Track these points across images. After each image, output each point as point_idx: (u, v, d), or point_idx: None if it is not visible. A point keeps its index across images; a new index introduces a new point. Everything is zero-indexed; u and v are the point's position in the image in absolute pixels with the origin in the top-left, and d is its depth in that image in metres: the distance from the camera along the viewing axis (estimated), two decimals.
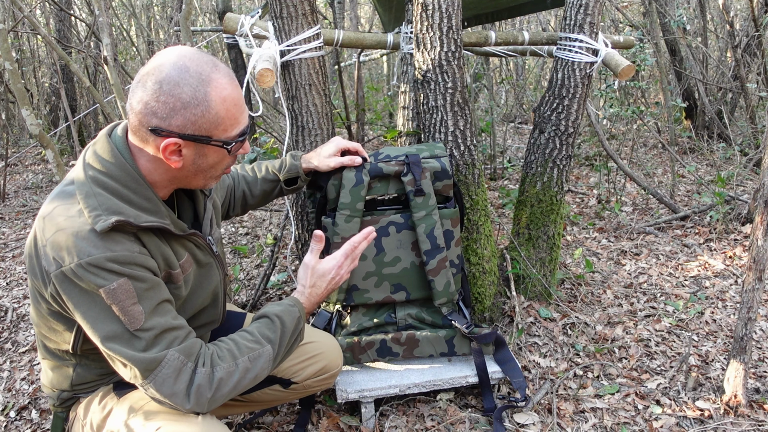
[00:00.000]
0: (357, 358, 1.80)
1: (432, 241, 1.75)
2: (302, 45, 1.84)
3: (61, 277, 1.04)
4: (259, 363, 1.19)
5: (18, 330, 2.49)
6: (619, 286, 2.66)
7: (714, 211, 3.31)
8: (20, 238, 3.87)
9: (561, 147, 2.21)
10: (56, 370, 1.25)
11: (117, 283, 1.04)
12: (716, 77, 5.99)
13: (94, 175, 1.09)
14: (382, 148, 1.77)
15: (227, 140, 1.11)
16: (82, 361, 1.22)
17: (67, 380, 1.24)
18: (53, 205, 1.10)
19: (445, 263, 1.77)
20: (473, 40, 2.36)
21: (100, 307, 1.05)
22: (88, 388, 1.26)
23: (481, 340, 1.78)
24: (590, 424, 1.72)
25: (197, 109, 1.05)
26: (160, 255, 1.15)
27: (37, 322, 1.20)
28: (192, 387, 1.10)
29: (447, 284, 1.78)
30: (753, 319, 1.71)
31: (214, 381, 1.12)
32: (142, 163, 1.12)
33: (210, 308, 1.33)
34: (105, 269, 1.04)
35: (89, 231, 1.04)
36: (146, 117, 1.05)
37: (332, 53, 4.84)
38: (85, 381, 1.25)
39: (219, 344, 1.18)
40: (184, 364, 1.10)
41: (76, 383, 1.24)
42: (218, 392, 1.13)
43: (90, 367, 1.23)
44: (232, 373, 1.15)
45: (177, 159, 1.10)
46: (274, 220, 3.82)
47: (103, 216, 1.05)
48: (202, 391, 1.11)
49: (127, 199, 1.09)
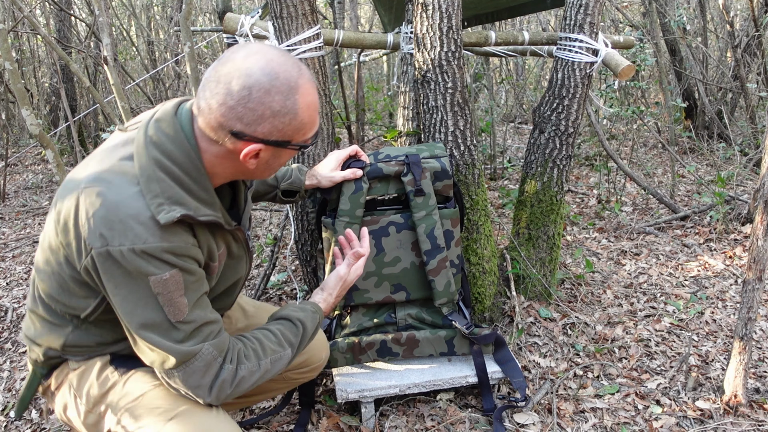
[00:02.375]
0: (357, 359, 1.80)
1: (432, 241, 1.75)
2: (302, 45, 1.84)
3: (105, 256, 1.01)
4: (278, 365, 1.21)
5: (18, 330, 2.49)
6: (619, 286, 2.66)
7: (714, 211, 3.31)
8: (20, 238, 3.87)
9: (561, 147, 2.21)
10: (50, 328, 1.19)
11: (169, 274, 1.03)
12: (716, 77, 5.99)
13: (158, 157, 1.04)
14: (382, 148, 1.77)
15: (304, 143, 1.11)
16: (83, 326, 1.18)
17: (60, 341, 1.18)
18: (106, 176, 1.05)
19: (445, 263, 1.77)
20: (473, 40, 2.36)
21: (144, 294, 1.03)
22: (80, 352, 1.21)
23: (482, 341, 1.78)
24: (590, 424, 1.72)
25: (285, 118, 1.04)
26: (206, 247, 1.13)
27: (46, 279, 1.14)
28: (216, 381, 1.11)
29: (447, 284, 1.78)
30: (753, 319, 1.71)
31: (236, 378, 1.13)
32: (206, 155, 1.09)
33: (225, 297, 1.32)
34: (159, 259, 1.01)
35: (150, 218, 1.01)
36: (230, 121, 1.02)
37: (332, 53, 4.84)
38: (79, 345, 1.19)
39: (245, 342, 1.19)
40: (215, 359, 1.11)
41: (69, 345, 1.18)
42: (237, 389, 1.14)
43: (90, 333, 1.18)
44: (253, 372, 1.16)
45: (254, 161, 1.09)
46: (274, 220, 3.82)
47: (165, 206, 1.02)
48: (224, 386, 1.12)
49: (188, 189, 1.06)
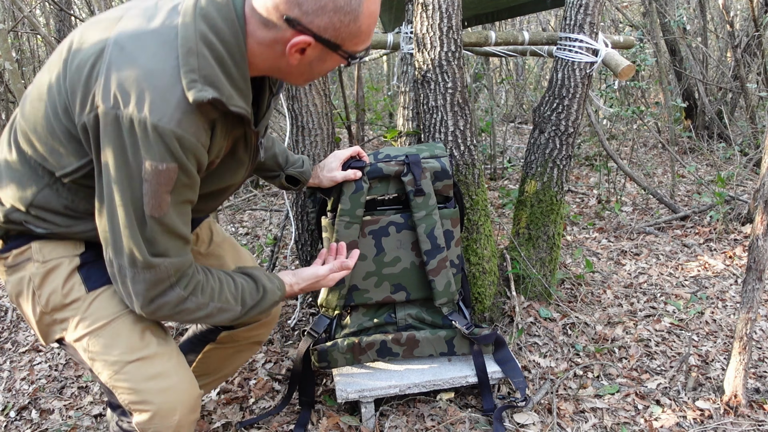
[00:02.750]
0: (357, 359, 1.80)
1: (432, 241, 1.75)
2: None
3: (111, 119, 0.93)
4: (223, 316, 1.16)
5: (18, 330, 2.49)
6: (619, 286, 2.66)
7: (714, 211, 3.31)
8: None
9: (561, 147, 2.21)
10: (20, 181, 1.08)
11: (167, 166, 0.95)
12: (716, 77, 5.99)
13: (204, 31, 0.95)
14: (382, 148, 1.77)
15: (353, 53, 1.04)
16: (56, 185, 1.08)
17: (28, 198, 1.08)
18: (145, 38, 0.96)
19: (445, 263, 1.77)
20: (473, 40, 2.36)
21: (131, 173, 0.95)
22: (44, 226, 1.11)
23: (482, 341, 1.78)
24: (590, 424, 1.72)
25: (346, 17, 0.96)
26: (217, 146, 1.06)
27: (33, 120, 1.04)
28: (159, 299, 1.06)
29: (447, 284, 1.78)
30: (753, 319, 1.71)
31: (180, 306, 1.08)
32: (250, 40, 1.00)
33: (210, 199, 1.23)
34: (165, 145, 0.94)
35: (177, 96, 0.93)
36: (288, 4, 0.94)
37: None
38: (47, 208, 1.09)
39: (208, 277, 1.13)
40: (168, 278, 1.04)
41: (37, 204, 1.08)
42: (175, 315, 1.10)
43: (61, 195, 1.08)
44: (199, 309, 1.11)
45: (298, 56, 1.01)
46: (274, 220, 3.82)
47: (199, 84, 0.94)
48: (164, 307, 1.07)
49: (228, 72, 0.98)
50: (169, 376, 1.14)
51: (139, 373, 1.11)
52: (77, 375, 2.11)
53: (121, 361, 1.11)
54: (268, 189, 4.69)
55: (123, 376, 1.11)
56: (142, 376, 1.12)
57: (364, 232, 1.75)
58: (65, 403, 1.94)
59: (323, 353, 1.77)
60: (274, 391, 1.94)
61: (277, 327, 2.35)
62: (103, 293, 1.14)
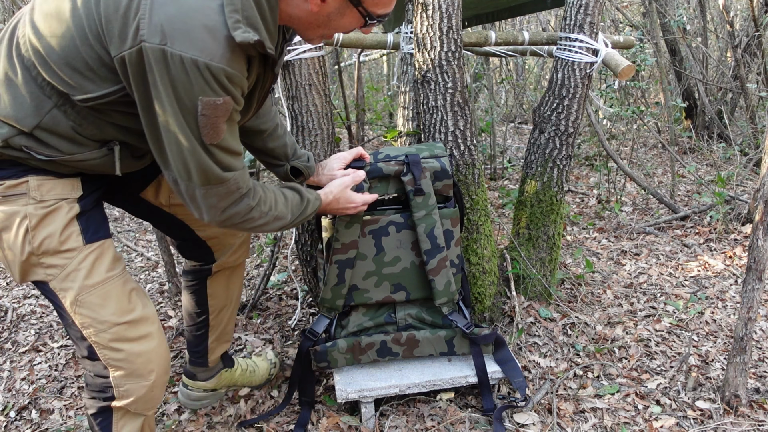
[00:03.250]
0: (357, 359, 1.80)
1: (432, 241, 1.75)
2: (302, 45, 1.84)
3: (158, 54, 0.95)
4: (277, 224, 1.28)
5: (18, 330, 2.49)
6: (619, 286, 2.66)
7: (714, 211, 3.31)
8: None
9: (561, 147, 2.21)
10: (25, 100, 1.06)
11: (223, 100, 1.02)
12: (716, 77, 5.99)
13: None
14: (382, 148, 1.77)
15: (372, 14, 1.11)
16: (65, 107, 1.07)
17: (33, 119, 1.06)
18: None
19: (445, 263, 1.77)
20: (473, 40, 2.36)
21: (186, 110, 1.01)
22: (46, 152, 1.09)
23: (482, 341, 1.78)
24: (590, 424, 1.72)
25: None
26: (250, 82, 1.14)
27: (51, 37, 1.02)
28: (231, 209, 1.16)
29: (447, 284, 1.78)
30: (753, 319, 1.71)
31: (248, 215, 1.20)
32: None
33: None
34: (219, 81, 1.00)
35: (224, 36, 0.97)
36: None
37: (332, 53, 4.84)
38: (52, 131, 1.08)
39: (265, 190, 1.25)
40: (237, 190, 1.15)
41: (43, 127, 1.07)
42: (243, 224, 1.21)
43: (69, 118, 1.08)
44: (261, 217, 1.23)
45: (318, 4, 1.08)
46: None
47: (242, 26, 0.98)
48: (235, 217, 1.18)
49: (264, 16, 1.04)
50: (151, 339, 1.23)
51: (126, 334, 1.19)
52: (77, 375, 2.11)
53: (109, 322, 1.18)
54: None
55: (108, 336, 1.18)
56: (127, 337, 1.20)
57: (364, 231, 1.75)
58: (65, 403, 1.94)
59: (322, 353, 1.77)
60: (273, 391, 1.94)
61: (277, 327, 2.35)
62: (98, 249, 1.18)
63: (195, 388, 1.76)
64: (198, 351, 1.70)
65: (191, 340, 1.70)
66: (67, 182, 1.15)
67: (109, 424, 1.27)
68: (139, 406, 1.27)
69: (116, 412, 1.27)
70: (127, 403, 1.25)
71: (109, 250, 1.21)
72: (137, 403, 1.26)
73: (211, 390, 1.78)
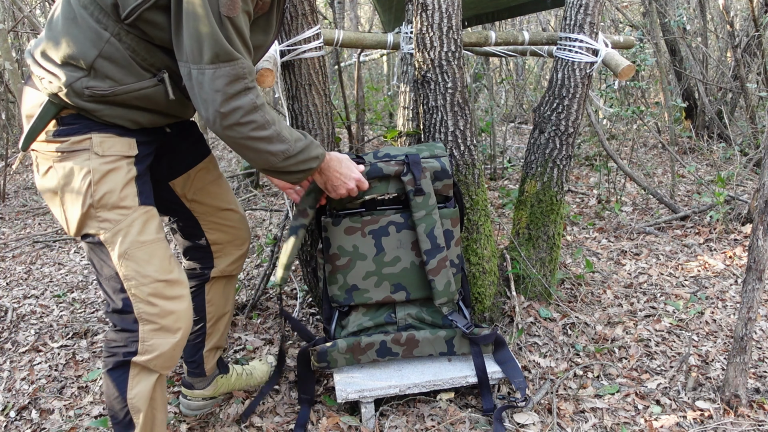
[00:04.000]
0: (357, 359, 1.80)
1: (432, 241, 1.75)
2: (302, 45, 1.84)
3: None
4: (276, 146, 1.27)
5: (18, 330, 2.49)
6: (619, 286, 2.66)
7: (714, 211, 3.31)
8: (20, 238, 3.87)
9: (561, 147, 2.21)
10: (85, 37, 1.18)
11: None
12: (716, 77, 5.99)
13: None
14: (382, 148, 1.77)
15: None
16: (121, 35, 1.18)
17: (93, 49, 1.18)
18: None
19: (445, 263, 1.77)
20: (473, 40, 2.36)
21: None
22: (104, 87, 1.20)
23: (481, 341, 1.78)
24: (590, 424, 1.72)
25: None
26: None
27: None
28: (235, 100, 1.17)
29: (447, 284, 1.78)
30: (753, 319, 1.71)
31: (250, 115, 1.20)
32: None
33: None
34: None
35: None
36: None
37: (332, 53, 4.84)
38: (111, 59, 1.19)
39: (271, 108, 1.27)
40: (244, 77, 1.17)
41: (104, 56, 1.18)
42: (241, 127, 1.20)
43: (124, 44, 1.19)
44: (264, 126, 1.23)
45: None
46: (274, 220, 3.82)
47: None
48: (237, 112, 1.18)
49: None
50: (183, 300, 1.33)
51: (163, 291, 1.29)
52: (77, 375, 2.11)
53: (151, 277, 1.27)
54: (268, 189, 4.69)
55: (148, 290, 1.28)
56: (165, 294, 1.29)
57: (364, 231, 1.75)
58: (65, 403, 1.94)
59: (322, 354, 1.77)
60: (274, 390, 1.94)
61: (277, 327, 2.35)
62: (149, 212, 1.30)
63: (194, 398, 1.78)
64: (194, 361, 1.73)
65: (188, 349, 1.71)
66: (125, 141, 1.27)
67: (125, 380, 1.33)
68: (159, 363, 1.33)
69: (133, 367, 1.33)
70: (149, 358, 1.31)
71: (156, 216, 1.32)
72: (158, 359, 1.32)
73: (210, 398, 1.81)
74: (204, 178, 1.58)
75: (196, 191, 1.57)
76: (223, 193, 1.62)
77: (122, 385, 1.33)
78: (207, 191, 1.59)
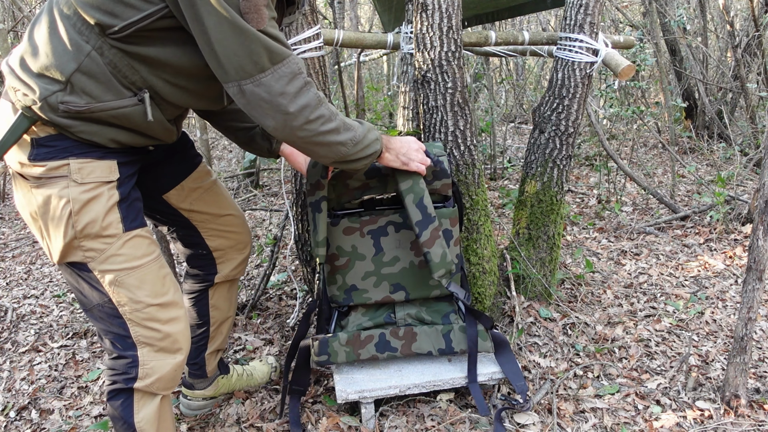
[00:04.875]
0: (356, 353, 1.78)
1: (422, 211, 1.63)
2: (302, 45, 1.84)
3: None
4: (344, 135, 1.25)
5: (18, 330, 2.49)
6: (619, 286, 2.66)
7: (714, 211, 3.31)
8: (20, 238, 3.87)
9: (561, 147, 2.21)
10: (65, 48, 1.11)
11: None
12: (716, 77, 5.99)
13: None
14: None
15: None
16: (104, 48, 1.12)
17: (73, 62, 1.11)
18: None
19: (438, 232, 1.66)
20: (473, 40, 2.36)
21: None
22: (80, 103, 1.13)
23: (479, 317, 1.76)
24: (590, 424, 1.72)
25: None
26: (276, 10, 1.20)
27: None
28: (300, 96, 1.15)
29: (443, 254, 1.66)
30: (753, 319, 1.70)
31: (318, 109, 1.18)
32: None
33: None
34: None
35: None
36: None
37: (332, 53, 4.84)
38: (90, 74, 1.12)
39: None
40: (300, 72, 1.15)
41: (82, 70, 1.11)
42: (314, 124, 1.19)
43: (106, 58, 1.12)
44: (331, 118, 1.21)
45: None
46: (274, 220, 3.82)
47: None
48: (306, 111, 1.17)
49: None
50: (179, 322, 1.30)
51: (158, 315, 1.27)
52: (77, 375, 2.11)
53: (144, 303, 1.25)
54: (268, 189, 4.70)
55: (142, 315, 1.25)
56: (159, 318, 1.27)
57: (363, 231, 1.75)
58: (65, 403, 1.94)
59: (324, 344, 1.75)
60: (273, 390, 1.94)
61: (277, 327, 2.35)
62: (136, 236, 1.25)
63: (194, 398, 1.78)
64: (196, 363, 1.73)
65: (190, 352, 1.68)
66: (104, 165, 1.20)
67: (130, 406, 1.32)
68: (161, 385, 1.32)
69: (136, 393, 1.32)
70: (150, 382, 1.30)
71: (145, 237, 1.27)
72: (159, 382, 1.31)
73: (210, 398, 1.81)
74: (198, 187, 1.55)
75: (192, 201, 1.54)
76: (219, 199, 1.59)
77: (128, 412, 1.32)
78: (203, 200, 1.56)
